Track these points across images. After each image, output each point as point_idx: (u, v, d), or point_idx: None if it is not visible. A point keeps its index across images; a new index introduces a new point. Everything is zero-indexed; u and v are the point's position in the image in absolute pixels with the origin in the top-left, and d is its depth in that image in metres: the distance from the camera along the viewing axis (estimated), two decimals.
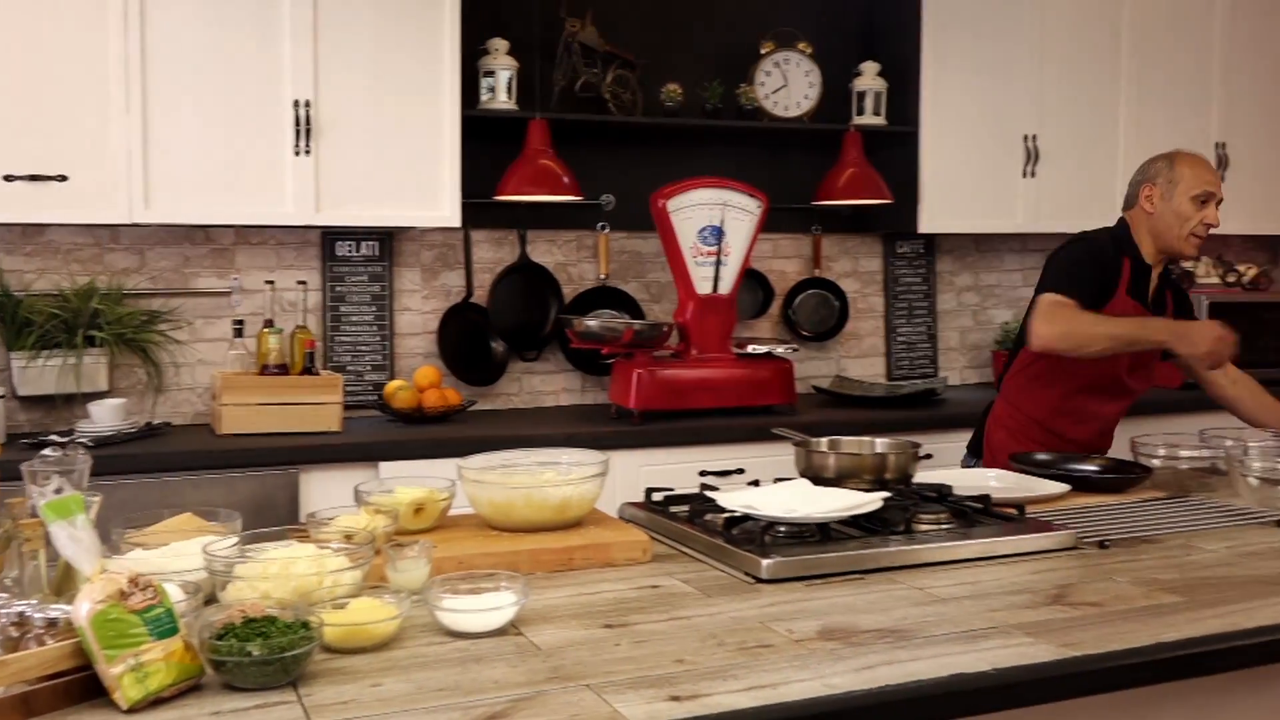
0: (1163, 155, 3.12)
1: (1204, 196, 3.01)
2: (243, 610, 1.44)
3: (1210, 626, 1.64)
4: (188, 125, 3.36)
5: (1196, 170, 3.05)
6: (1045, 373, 3.04)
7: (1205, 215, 3.02)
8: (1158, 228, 3.05)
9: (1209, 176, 3.05)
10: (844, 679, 1.43)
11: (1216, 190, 3.04)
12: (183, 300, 3.72)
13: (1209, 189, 3.02)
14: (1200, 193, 3.01)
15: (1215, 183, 3.06)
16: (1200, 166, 3.07)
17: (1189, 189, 3.02)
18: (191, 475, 3.16)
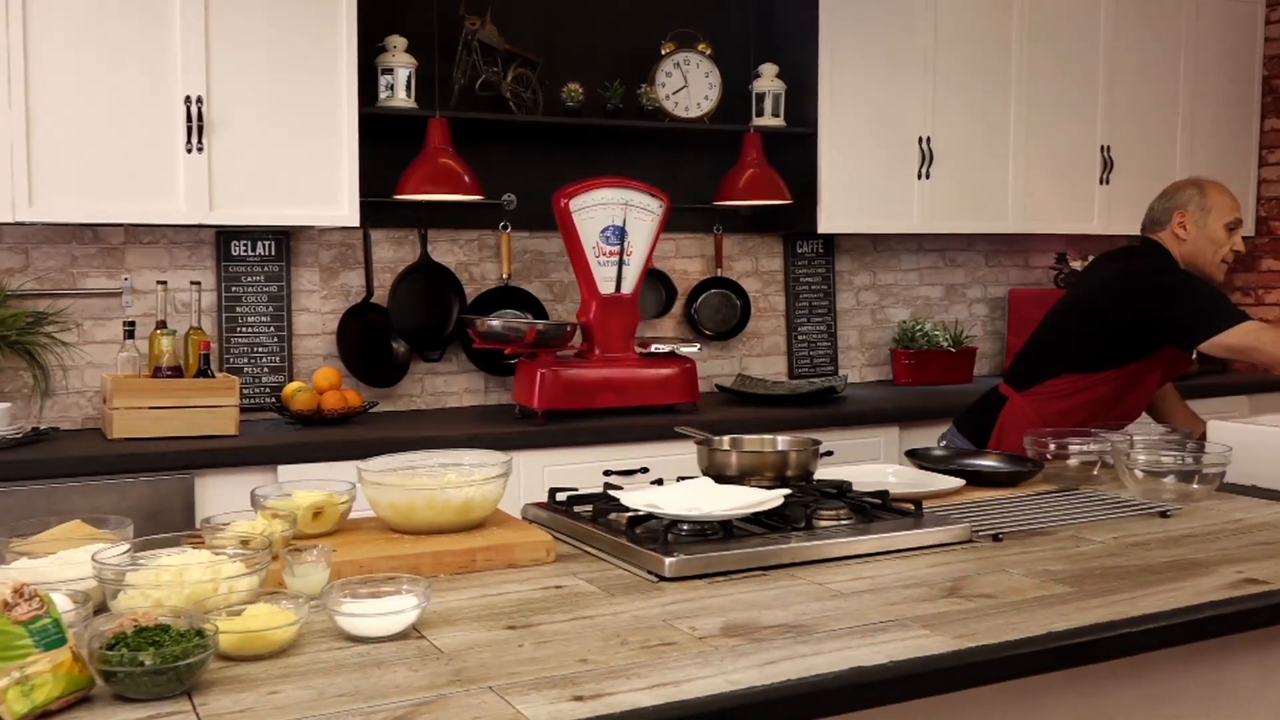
0: (1190, 182, 3.24)
1: (1234, 224, 3.16)
2: (134, 619, 1.41)
3: (1098, 615, 1.69)
4: (74, 121, 3.26)
5: (1227, 198, 3.19)
6: (1093, 402, 3.11)
7: (1234, 241, 3.16)
8: (1190, 252, 3.15)
9: (1236, 204, 3.21)
10: (746, 675, 1.44)
11: (1243, 217, 3.23)
12: (71, 301, 3.61)
13: (1239, 216, 3.19)
14: (1232, 220, 3.15)
15: (1241, 209, 3.23)
16: (1229, 195, 3.21)
17: (1221, 216, 3.15)
18: (81, 481, 3.07)
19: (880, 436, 4.04)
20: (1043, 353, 3.24)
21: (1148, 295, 3.04)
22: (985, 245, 5.13)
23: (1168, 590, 1.82)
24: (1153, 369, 3.11)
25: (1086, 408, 3.10)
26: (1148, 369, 3.10)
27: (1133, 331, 3.05)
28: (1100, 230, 4.92)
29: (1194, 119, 5.07)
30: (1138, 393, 3.15)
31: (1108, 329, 3.08)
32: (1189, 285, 3.05)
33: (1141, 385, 3.13)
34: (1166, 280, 3.07)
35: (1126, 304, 3.06)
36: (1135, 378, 3.10)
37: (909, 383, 4.69)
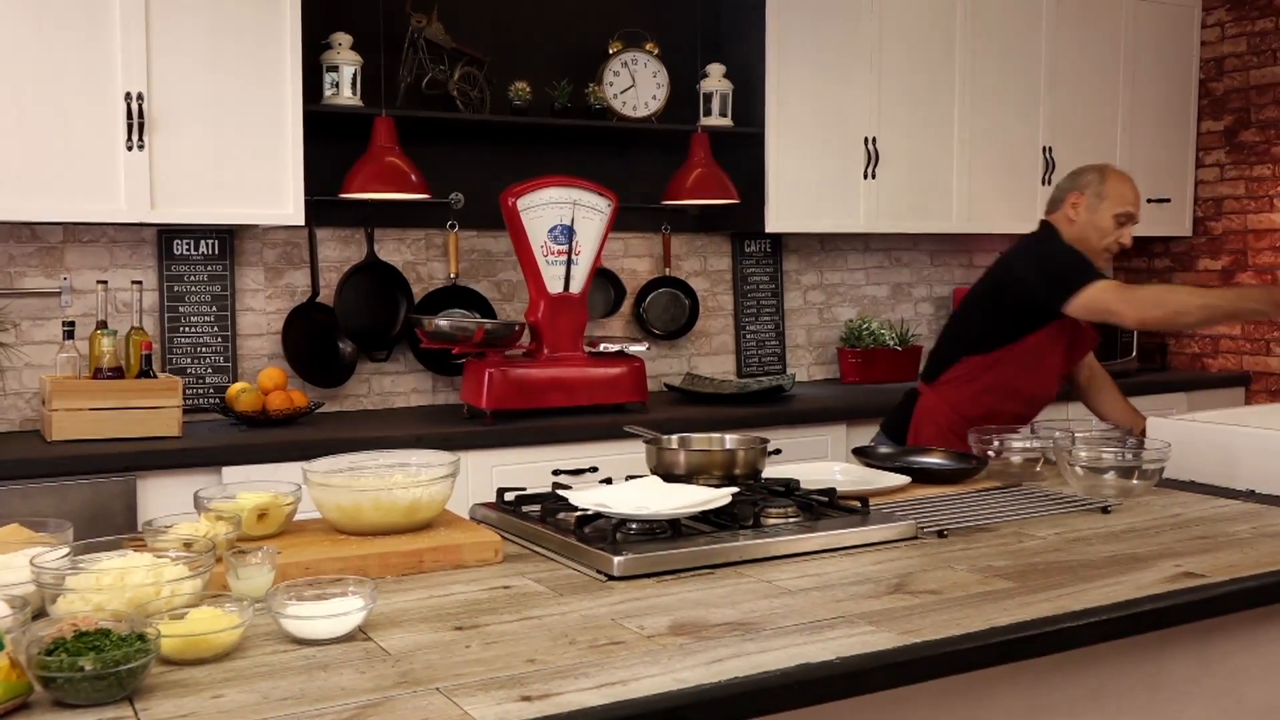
0: (1095, 167, 3.24)
1: (1125, 217, 3.14)
2: (74, 623, 1.38)
3: (1041, 610, 1.71)
4: (9, 117, 3.20)
5: (1126, 190, 3.16)
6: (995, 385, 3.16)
7: (1122, 235, 3.15)
8: (1077, 236, 3.15)
9: (1134, 198, 3.17)
10: (694, 673, 1.44)
11: (1137, 213, 3.17)
12: (7, 301, 3.54)
13: (1131, 210, 3.14)
14: (1123, 212, 3.13)
15: (1138, 205, 3.18)
16: (1128, 186, 3.18)
17: (1114, 206, 3.13)
18: (19, 484, 3.01)
19: (827, 435, 4.07)
20: (946, 342, 3.36)
21: (1014, 266, 3.15)
22: (930, 245, 5.18)
23: (1108, 584, 1.85)
24: (1049, 346, 3.15)
25: (990, 392, 3.17)
26: (1043, 345, 3.14)
27: (1011, 305, 3.13)
28: None
29: (1133, 121, 5.16)
30: (1040, 374, 3.18)
31: (993, 306, 3.19)
32: (1047, 249, 3.13)
33: (1042, 365, 3.16)
34: (1029, 248, 3.16)
35: (1003, 278, 3.17)
36: (1034, 356, 3.14)
37: (856, 381, 4.73)
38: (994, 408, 3.12)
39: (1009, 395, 3.17)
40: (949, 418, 3.19)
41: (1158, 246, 5.51)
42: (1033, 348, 3.13)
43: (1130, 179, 3.23)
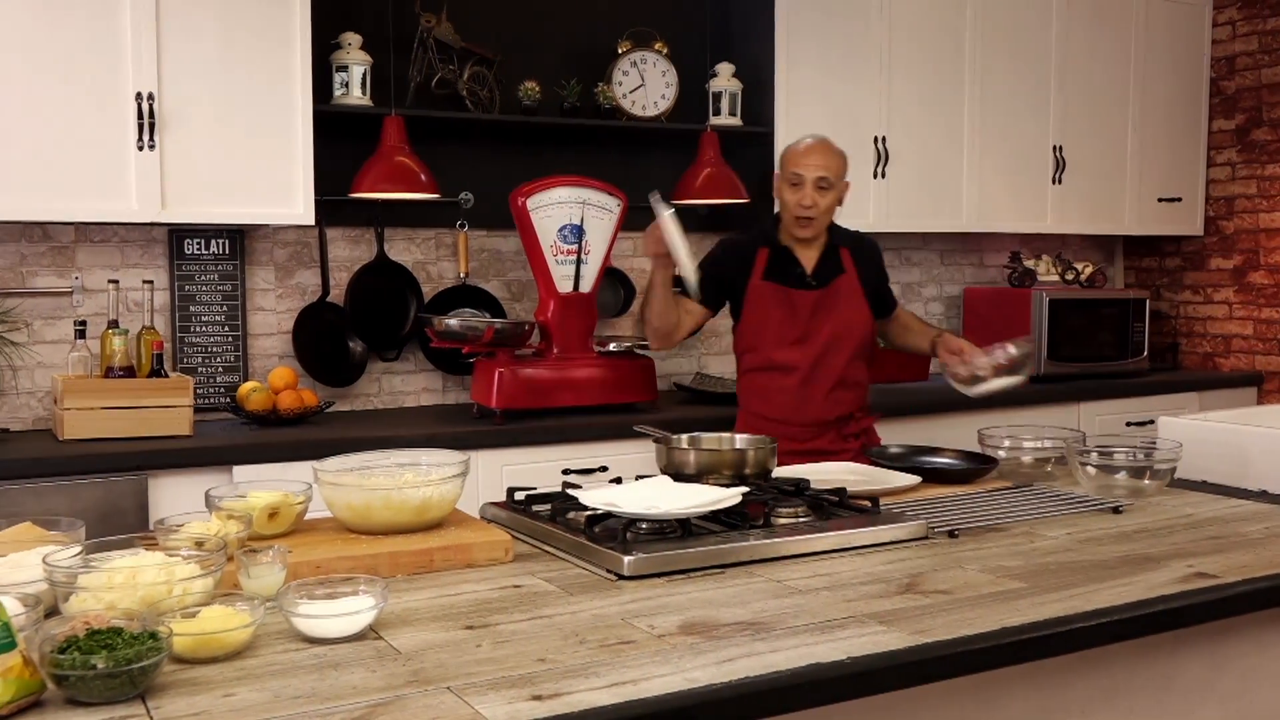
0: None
1: (793, 179, 3.14)
2: (87, 622, 1.39)
3: (1052, 610, 1.71)
4: (21, 117, 3.20)
5: (792, 154, 3.19)
6: (745, 346, 3.28)
7: (799, 198, 3.13)
8: (782, 214, 3.24)
9: (802, 159, 3.15)
10: (704, 672, 1.44)
11: (807, 173, 3.13)
12: (20, 300, 3.55)
13: (797, 171, 3.13)
14: (789, 174, 3.15)
15: (809, 165, 3.14)
16: (797, 151, 3.19)
17: (783, 173, 3.19)
18: (32, 483, 3.02)
19: None
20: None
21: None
22: (940, 244, 5.17)
23: (1120, 585, 1.84)
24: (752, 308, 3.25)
25: (743, 358, 3.33)
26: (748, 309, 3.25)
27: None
28: (1053, 229, 4.98)
29: (1144, 119, 5.14)
30: (763, 324, 3.23)
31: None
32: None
33: (757, 317, 3.24)
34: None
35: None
36: (749, 316, 3.25)
37: None
38: (744, 361, 3.32)
39: (748, 351, 3.31)
40: (749, 423, 3.28)
41: (1169, 245, 5.50)
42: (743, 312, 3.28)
43: (812, 141, 3.21)
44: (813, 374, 3.19)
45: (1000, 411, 4.26)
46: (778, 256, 3.23)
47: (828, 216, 3.19)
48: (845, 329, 3.22)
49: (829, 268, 3.24)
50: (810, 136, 3.25)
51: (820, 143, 3.21)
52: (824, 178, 3.13)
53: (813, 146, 3.19)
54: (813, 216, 3.15)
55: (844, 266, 3.26)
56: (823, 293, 3.20)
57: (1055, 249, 5.22)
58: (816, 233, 3.20)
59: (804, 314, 3.19)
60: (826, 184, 3.14)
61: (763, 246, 3.23)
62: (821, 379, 3.19)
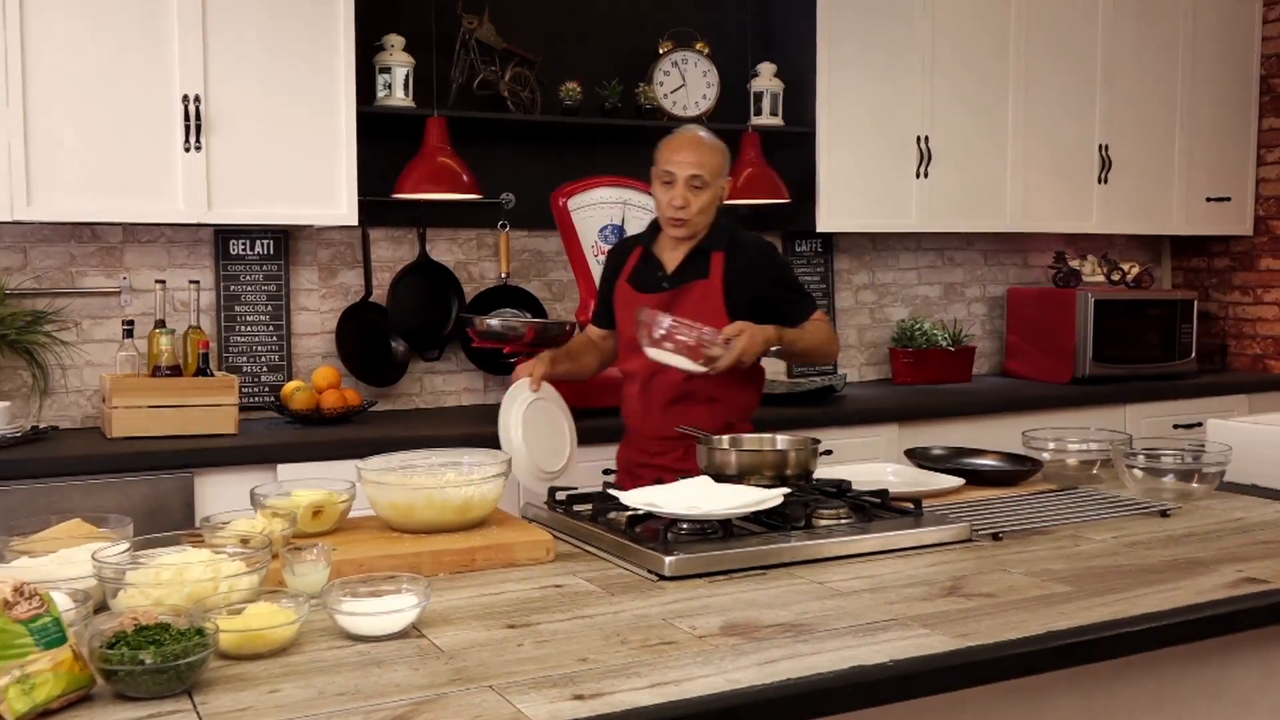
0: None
1: (665, 177, 2.90)
2: (135, 618, 1.41)
3: (1099, 615, 1.69)
4: (72, 119, 3.25)
5: (664, 150, 2.94)
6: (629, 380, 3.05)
7: (669, 197, 2.88)
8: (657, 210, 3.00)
9: (674, 156, 2.90)
10: (746, 674, 1.44)
11: (679, 170, 2.87)
12: (69, 300, 3.60)
13: (669, 169, 2.88)
14: (662, 172, 2.91)
15: (682, 162, 2.88)
16: (670, 145, 2.94)
17: (656, 170, 2.94)
18: (81, 480, 3.06)
19: (879, 435, 4.04)
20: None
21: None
22: (984, 244, 5.12)
23: (1168, 589, 1.82)
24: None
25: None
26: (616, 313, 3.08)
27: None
28: (1099, 229, 4.92)
29: (1192, 118, 5.07)
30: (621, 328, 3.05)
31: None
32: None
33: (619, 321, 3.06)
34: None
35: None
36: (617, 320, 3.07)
37: (908, 382, 4.69)
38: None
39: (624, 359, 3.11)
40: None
41: (1217, 245, 5.42)
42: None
43: (684, 136, 2.96)
44: (651, 383, 2.93)
45: (1044, 414, 4.23)
46: (646, 258, 3.02)
47: (704, 217, 2.91)
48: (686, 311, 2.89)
49: (689, 270, 2.96)
50: (686, 129, 3.02)
51: (694, 137, 2.95)
52: (697, 175, 2.86)
53: (686, 140, 2.93)
54: (685, 218, 2.88)
55: (707, 270, 2.94)
56: (671, 295, 2.92)
57: (1101, 249, 5.16)
58: (691, 233, 2.93)
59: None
60: (701, 183, 2.87)
61: (638, 247, 3.04)
62: (659, 390, 2.92)
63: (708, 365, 2.70)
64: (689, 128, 3.04)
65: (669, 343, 2.68)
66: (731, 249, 2.96)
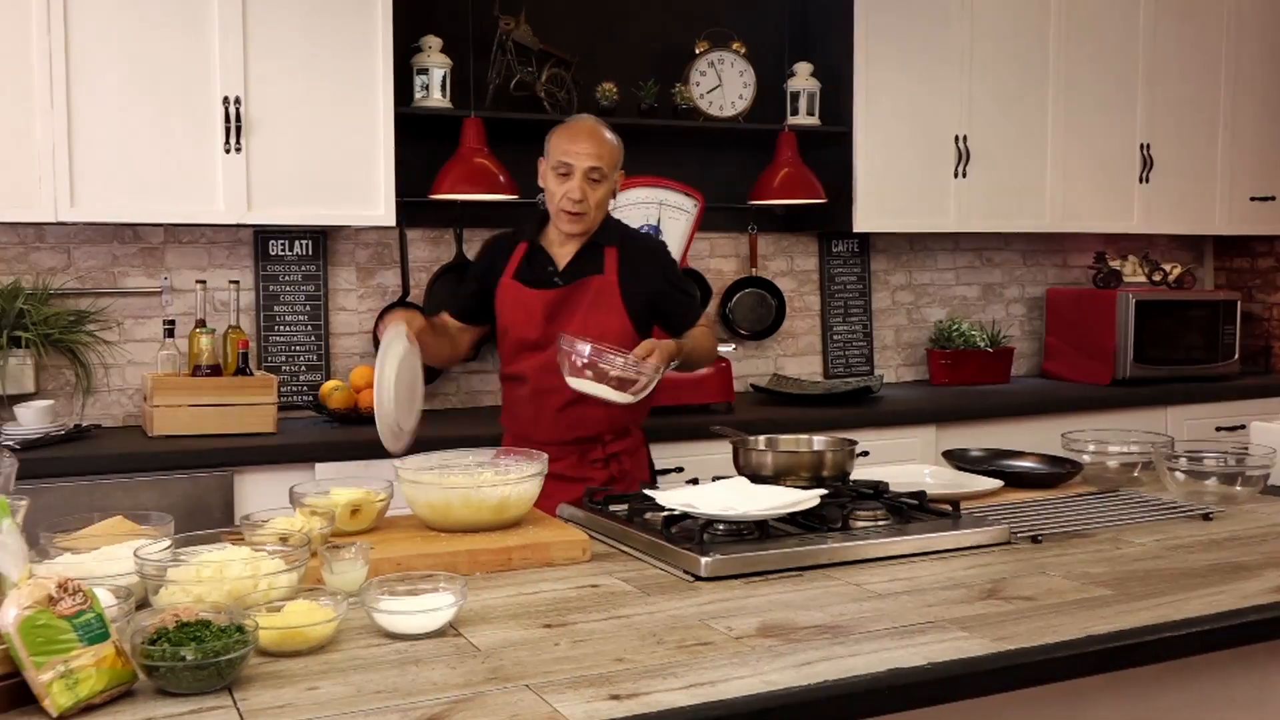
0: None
1: (561, 169, 2.75)
2: (176, 614, 1.42)
3: (1140, 619, 1.67)
4: (114, 122, 3.29)
5: (561, 140, 2.79)
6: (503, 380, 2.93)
7: (567, 190, 2.74)
8: (548, 206, 2.85)
9: (571, 146, 2.76)
10: (783, 675, 1.43)
11: (578, 162, 2.74)
12: (111, 300, 3.65)
13: (567, 160, 2.74)
14: (558, 164, 2.76)
15: (580, 153, 2.75)
16: (566, 135, 2.79)
17: (550, 161, 2.79)
18: (123, 478, 3.10)
19: (917, 437, 4.02)
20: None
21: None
22: (1023, 244, 5.08)
23: (1211, 594, 1.80)
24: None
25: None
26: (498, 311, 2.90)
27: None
28: (1140, 229, 4.87)
29: (1236, 116, 5.00)
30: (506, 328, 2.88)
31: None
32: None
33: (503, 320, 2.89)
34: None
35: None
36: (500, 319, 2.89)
37: (945, 383, 4.66)
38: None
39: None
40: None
41: (1261, 246, 5.34)
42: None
43: (582, 124, 2.83)
44: (544, 385, 2.77)
45: (1084, 415, 4.19)
46: (533, 253, 2.88)
47: (600, 211, 2.82)
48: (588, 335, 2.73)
49: (582, 266, 2.85)
50: (581, 118, 2.90)
51: (593, 127, 2.82)
52: (596, 168, 2.75)
53: (584, 130, 2.80)
54: (582, 211, 2.77)
55: (601, 266, 2.84)
56: (566, 291, 2.81)
57: (1142, 249, 5.10)
58: (586, 229, 2.82)
59: (539, 316, 2.81)
60: (599, 175, 2.76)
61: (522, 241, 2.89)
62: (552, 394, 2.76)
63: (633, 394, 2.59)
64: (584, 117, 2.91)
65: (590, 370, 2.57)
66: (625, 245, 2.88)
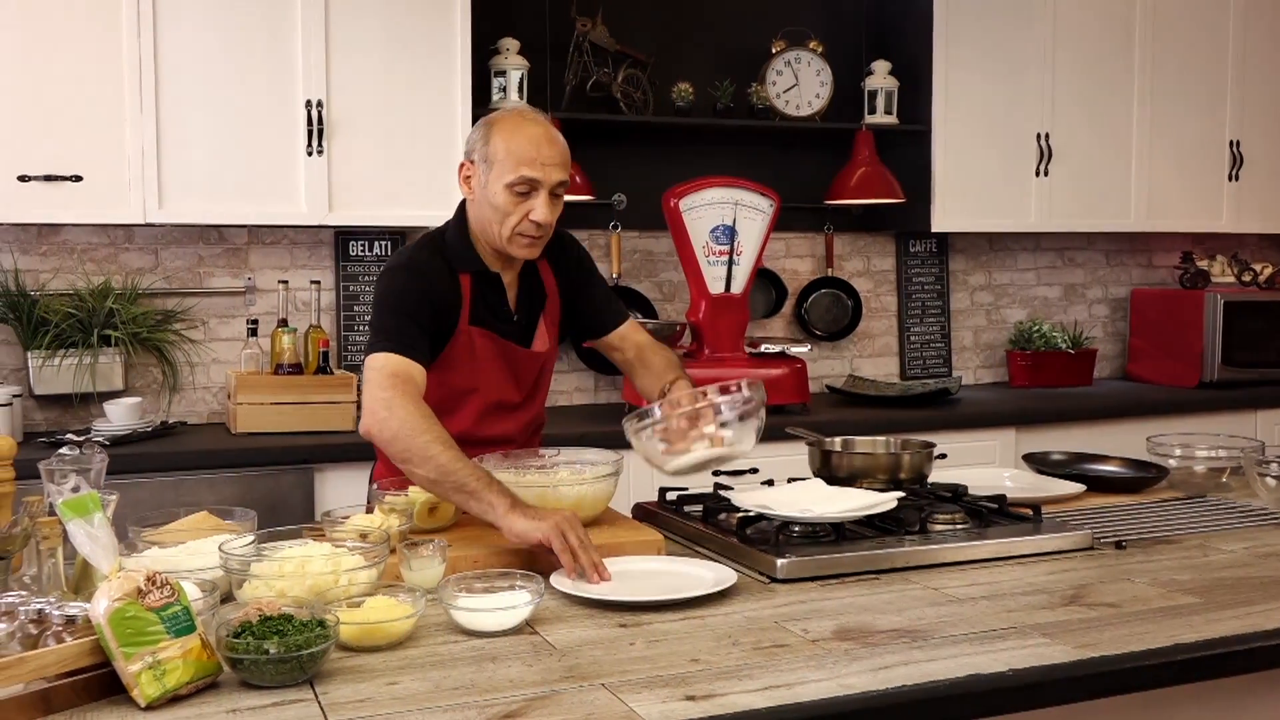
0: (484, 118, 2.26)
1: (521, 185, 2.17)
2: (259, 608, 1.45)
3: (1229, 628, 1.63)
4: (200, 125, 3.37)
5: (515, 145, 2.17)
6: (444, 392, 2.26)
7: (529, 210, 2.18)
8: (477, 219, 2.27)
9: (533, 154, 2.17)
10: (860, 679, 1.42)
11: (545, 176, 2.18)
12: (197, 300, 3.73)
13: (531, 175, 2.16)
14: (517, 180, 2.16)
15: (547, 165, 2.18)
16: (525, 140, 2.18)
17: (503, 174, 2.17)
18: (207, 474, 3.17)
19: (996, 440, 3.96)
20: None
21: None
22: (1106, 244, 4.98)
23: None
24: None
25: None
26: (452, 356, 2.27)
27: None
28: (1229, 229, 4.74)
29: None
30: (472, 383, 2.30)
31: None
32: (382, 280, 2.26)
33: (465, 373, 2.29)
34: (383, 275, 2.28)
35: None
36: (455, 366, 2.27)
37: (1026, 385, 4.58)
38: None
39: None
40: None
41: None
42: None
43: (533, 123, 2.21)
44: (528, 443, 2.41)
45: (1170, 419, 4.10)
46: (484, 285, 2.29)
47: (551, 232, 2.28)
48: (547, 380, 2.46)
49: (530, 296, 2.37)
50: (525, 112, 2.25)
51: (550, 129, 2.23)
52: (563, 182, 2.22)
53: (545, 136, 2.20)
54: (544, 236, 2.25)
55: (544, 289, 2.39)
56: (534, 345, 2.36)
57: (1231, 249, 4.97)
58: (538, 254, 2.29)
59: (527, 379, 2.37)
60: (563, 190, 2.23)
61: (465, 271, 2.27)
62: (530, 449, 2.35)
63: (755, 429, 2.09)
64: (528, 111, 2.27)
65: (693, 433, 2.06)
66: (552, 251, 2.38)
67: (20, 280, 3.49)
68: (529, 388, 2.38)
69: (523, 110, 2.27)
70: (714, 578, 1.82)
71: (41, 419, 3.52)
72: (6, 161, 3.20)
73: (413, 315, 2.17)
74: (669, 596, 1.73)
